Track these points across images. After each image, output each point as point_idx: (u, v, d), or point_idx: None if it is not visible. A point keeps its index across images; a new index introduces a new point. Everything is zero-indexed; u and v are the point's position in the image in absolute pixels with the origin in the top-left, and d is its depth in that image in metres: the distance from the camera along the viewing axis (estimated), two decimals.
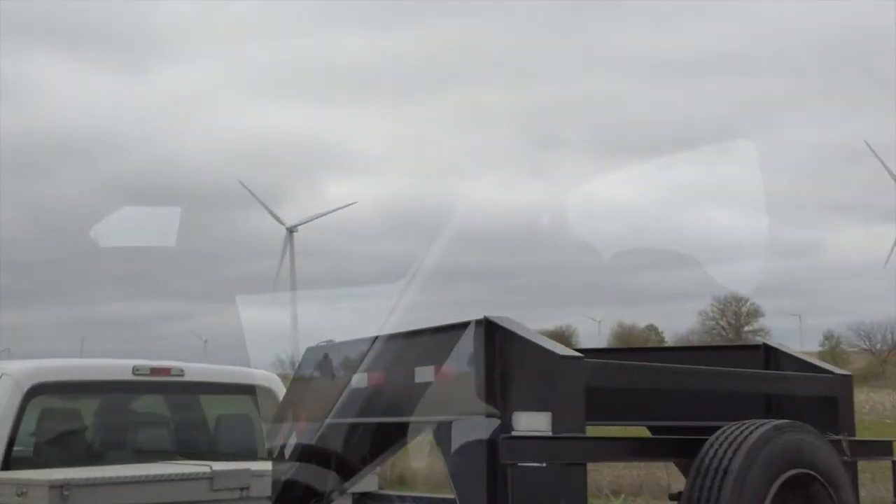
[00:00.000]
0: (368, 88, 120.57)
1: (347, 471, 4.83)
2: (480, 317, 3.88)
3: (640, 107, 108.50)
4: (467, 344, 3.91)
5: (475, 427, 3.87)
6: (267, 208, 69.41)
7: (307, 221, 70.67)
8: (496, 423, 3.78)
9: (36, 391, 5.81)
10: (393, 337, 4.48)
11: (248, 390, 6.72)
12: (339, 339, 5.21)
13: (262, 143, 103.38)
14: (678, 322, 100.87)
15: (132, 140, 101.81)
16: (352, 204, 69.00)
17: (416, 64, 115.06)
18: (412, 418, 4.36)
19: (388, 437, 4.78)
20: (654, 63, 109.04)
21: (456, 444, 4.00)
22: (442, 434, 4.05)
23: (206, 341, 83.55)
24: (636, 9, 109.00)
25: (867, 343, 70.96)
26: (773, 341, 5.14)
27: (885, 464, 4.62)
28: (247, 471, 5.74)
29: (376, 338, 4.59)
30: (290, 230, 70.25)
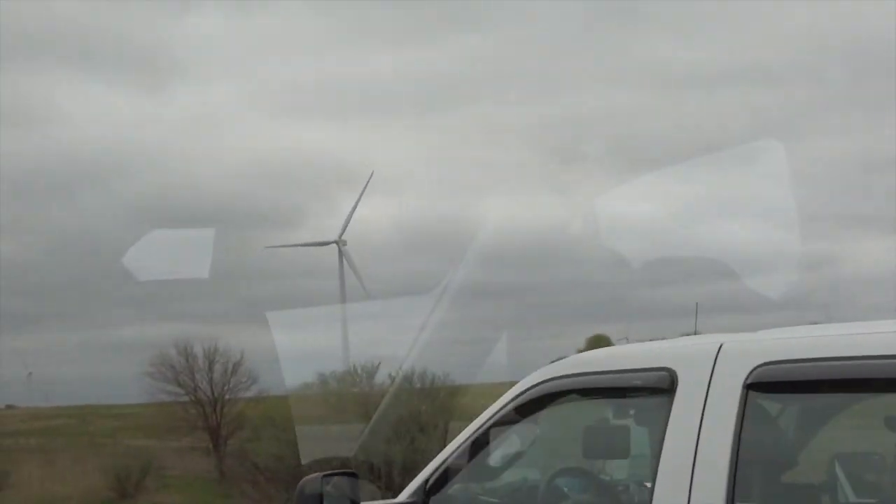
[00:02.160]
0: (387, 106, 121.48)
1: None
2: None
3: (659, 119, 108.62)
4: None
5: None
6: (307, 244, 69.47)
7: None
8: None
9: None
10: None
11: None
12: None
13: (280, 162, 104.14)
14: None
15: (150, 161, 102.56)
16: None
17: (434, 80, 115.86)
18: None
19: None
20: (674, 74, 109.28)
21: None
22: None
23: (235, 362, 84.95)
24: (654, 19, 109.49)
25: None
26: None
27: None
28: None
29: None
30: (339, 243, 70.01)
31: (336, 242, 72.17)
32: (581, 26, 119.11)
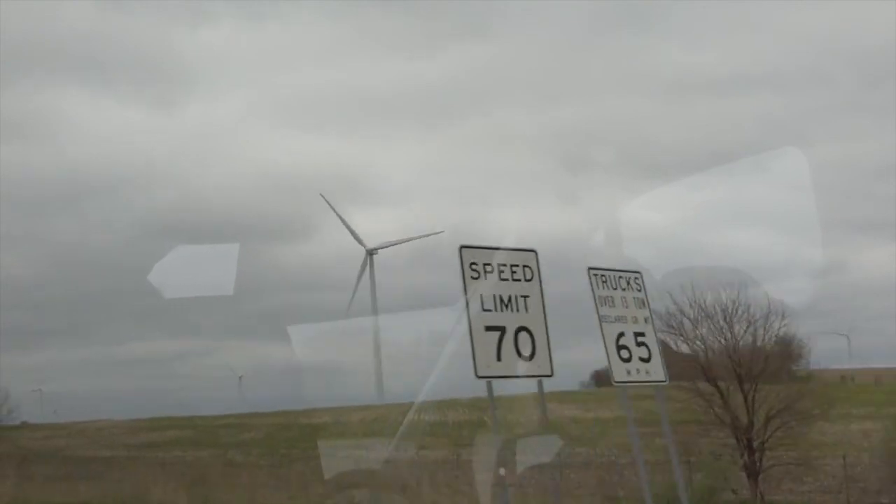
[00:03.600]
0: (394, 117, 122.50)
1: None
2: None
3: (669, 126, 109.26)
4: None
5: None
6: (348, 226, 69.21)
7: (388, 245, 70.65)
8: None
9: None
10: None
11: None
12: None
13: (290, 174, 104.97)
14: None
15: (160, 175, 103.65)
16: (439, 233, 68.85)
17: (443, 90, 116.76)
18: None
19: None
20: (683, 81, 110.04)
21: None
22: None
23: (241, 377, 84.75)
24: (664, 27, 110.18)
25: None
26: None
27: None
28: None
29: None
30: (370, 252, 70.16)
31: (369, 253, 71.79)
32: (590, 34, 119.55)
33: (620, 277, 12.19)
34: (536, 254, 11.04)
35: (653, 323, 12.51)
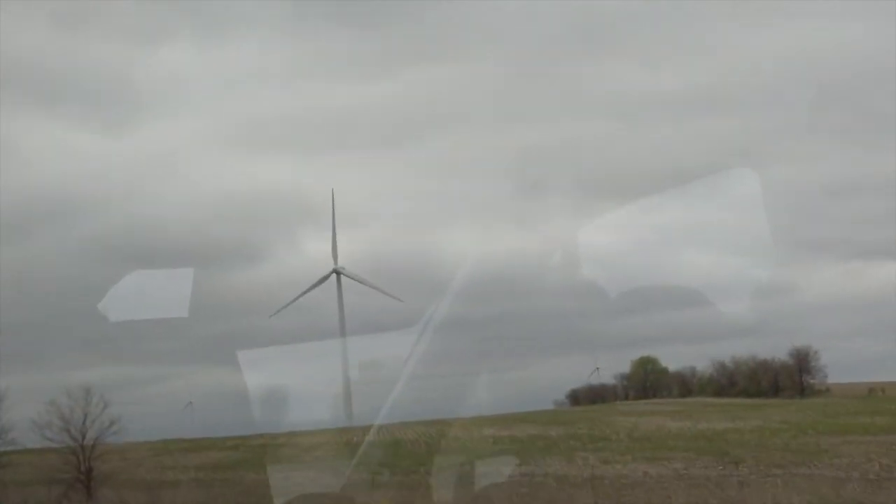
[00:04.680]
0: (351, 140, 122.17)
1: None
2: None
3: (625, 149, 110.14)
4: None
5: None
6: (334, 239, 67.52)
7: (353, 278, 69.21)
8: None
9: None
10: None
11: None
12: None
13: (243, 198, 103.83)
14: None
15: (111, 200, 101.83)
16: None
17: (398, 113, 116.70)
18: None
19: None
20: (640, 104, 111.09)
21: None
22: None
23: (190, 403, 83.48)
24: (619, 51, 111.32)
25: None
26: None
27: None
28: None
29: None
30: (337, 272, 69.25)
31: (335, 271, 71.12)
32: (548, 57, 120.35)
33: None
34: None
35: None
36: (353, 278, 68.83)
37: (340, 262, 69.89)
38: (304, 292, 67.80)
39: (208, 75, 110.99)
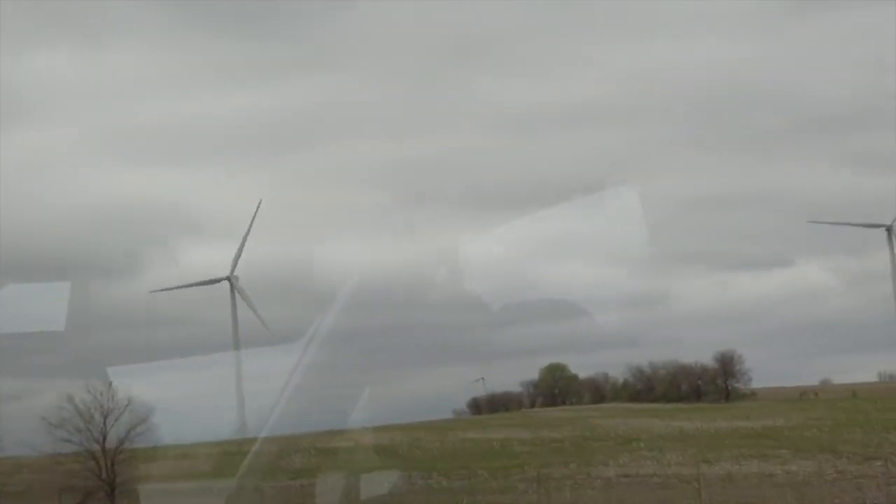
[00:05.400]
0: (234, 150, 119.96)
1: None
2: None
3: (512, 161, 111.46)
4: None
5: None
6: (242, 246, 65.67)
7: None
8: None
9: None
10: None
11: None
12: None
13: (122, 208, 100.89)
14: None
15: None
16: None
17: (281, 123, 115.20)
18: None
19: None
20: (525, 115, 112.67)
21: None
22: None
23: (43, 418, 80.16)
24: (504, 62, 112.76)
25: None
26: None
27: None
28: None
29: None
30: (231, 280, 67.26)
31: (228, 279, 69.34)
32: (432, 70, 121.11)
33: None
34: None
35: None
36: (239, 292, 67.79)
37: (231, 273, 68.61)
38: (192, 285, 66.50)
39: (86, 83, 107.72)
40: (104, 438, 40.41)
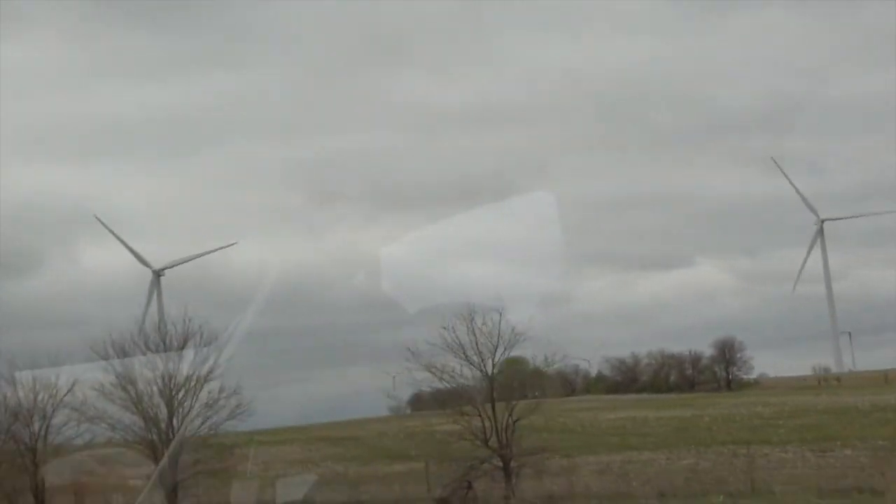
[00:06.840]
0: (135, 146, 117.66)
1: None
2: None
3: (416, 160, 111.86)
4: None
5: None
6: (129, 248, 64.37)
7: (177, 264, 66.22)
8: None
9: None
10: None
11: None
12: None
13: (17, 205, 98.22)
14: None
15: None
16: (232, 244, 65.71)
17: (184, 120, 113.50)
18: None
19: None
20: (430, 115, 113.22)
21: None
22: None
23: None
24: (412, 62, 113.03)
25: None
26: None
27: None
28: None
29: None
30: (158, 273, 65.60)
31: (156, 271, 67.00)
32: (339, 67, 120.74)
33: None
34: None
35: None
36: (176, 263, 66.38)
37: (145, 271, 67.49)
38: (148, 303, 64.89)
39: None
40: None
